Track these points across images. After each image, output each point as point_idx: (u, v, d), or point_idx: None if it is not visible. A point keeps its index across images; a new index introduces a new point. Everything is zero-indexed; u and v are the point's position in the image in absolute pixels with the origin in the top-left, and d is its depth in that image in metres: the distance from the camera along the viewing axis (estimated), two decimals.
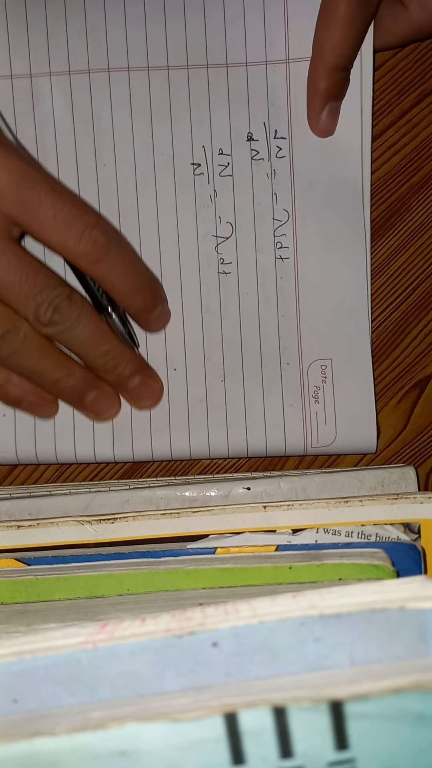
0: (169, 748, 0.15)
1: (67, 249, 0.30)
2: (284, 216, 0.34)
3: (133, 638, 0.17)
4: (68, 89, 0.33)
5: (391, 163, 0.35)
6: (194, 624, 0.17)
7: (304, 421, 0.34)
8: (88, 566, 0.26)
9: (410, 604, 0.16)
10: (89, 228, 0.30)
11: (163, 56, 0.33)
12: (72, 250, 0.30)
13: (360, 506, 0.28)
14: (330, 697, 0.15)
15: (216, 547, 0.27)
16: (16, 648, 0.17)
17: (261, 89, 0.33)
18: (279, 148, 0.34)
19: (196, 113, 0.33)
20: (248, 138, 0.34)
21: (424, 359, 0.36)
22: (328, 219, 0.34)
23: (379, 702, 0.15)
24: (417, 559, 0.27)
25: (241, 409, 0.34)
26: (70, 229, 0.29)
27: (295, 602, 0.17)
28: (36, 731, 0.15)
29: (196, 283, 0.34)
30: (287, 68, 0.33)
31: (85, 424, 0.34)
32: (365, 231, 0.34)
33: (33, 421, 0.34)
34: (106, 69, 0.33)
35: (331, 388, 0.34)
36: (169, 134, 0.34)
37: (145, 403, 0.34)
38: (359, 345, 0.34)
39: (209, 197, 0.34)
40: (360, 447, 0.35)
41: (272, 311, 0.34)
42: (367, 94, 0.33)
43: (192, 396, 0.34)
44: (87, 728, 0.15)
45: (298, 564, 0.25)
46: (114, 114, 0.33)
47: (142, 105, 0.33)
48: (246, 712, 0.15)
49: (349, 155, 0.33)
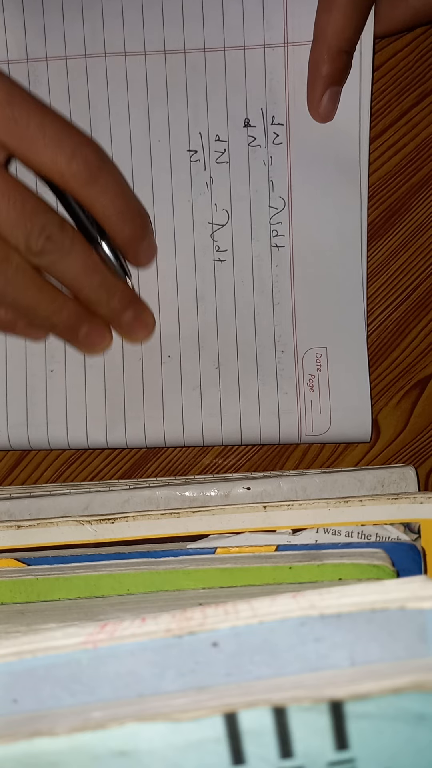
0: (169, 748, 0.15)
1: (58, 168, 0.28)
2: (280, 204, 0.34)
3: (133, 638, 0.17)
4: (65, 74, 0.33)
5: (391, 163, 0.35)
6: (194, 624, 0.17)
7: (299, 409, 0.34)
8: (88, 566, 0.26)
9: (410, 604, 0.16)
10: (81, 146, 0.28)
11: (160, 40, 0.33)
12: (64, 169, 0.28)
13: (360, 506, 0.28)
14: (330, 697, 0.15)
15: (216, 547, 0.27)
16: (16, 648, 0.17)
17: (259, 74, 0.33)
18: (276, 134, 0.33)
19: (192, 99, 0.33)
20: (245, 124, 0.33)
21: (424, 359, 0.36)
22: (324, 207, 0.34)
23: (379, 702, 0.15)
24: (417, 559, 0.27)
25: (235, 397, 0.34)
26: (61, 147, 0.28)
27: (295, 602, 0.17)
28: (36, 731, 0.15)
29: (192, 271, 0.34)
30: (285, 52, 0.33)
31: (78, 409, 0.34)
32: (361, 220, 0.34)
33: (25, 406, 0.34)
34: (103, 54, 0.33)
35: (326, 376, 0.34)
36: (166, 120, 0.33)
37: (138, 337, 0.34)
38: (355, 334, 0.34)
39: (205, 184, 0.34)
40: (354, 436, 0.35)
41: (267, 299, 0.34)
42: (366, 80, 0.32)
43: (186, 383, 0.34)
44: (87, 728, 0.15)
45: (298, 564, 0.25)
46: (110, 99, 0.33)
47: (139, 90, 0.33)
48: (246, 712, 0.15)
49: (347, 143, 0.33)
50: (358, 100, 0.33)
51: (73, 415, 0.34)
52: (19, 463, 0.36)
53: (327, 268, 0.34)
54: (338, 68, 0.32)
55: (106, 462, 0.36)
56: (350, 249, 0.34)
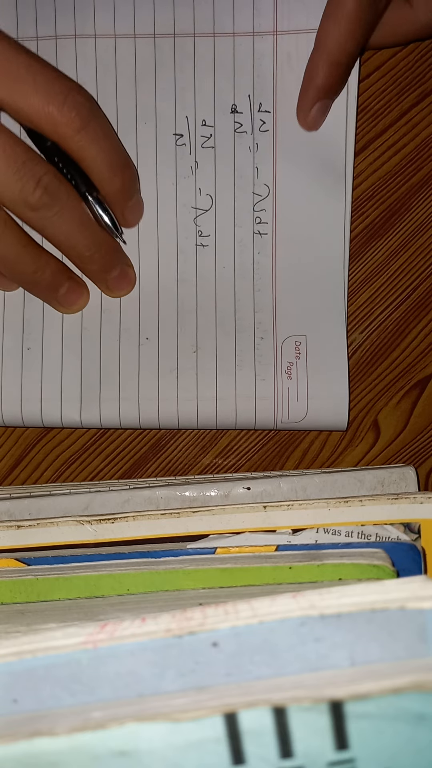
0: (169, 748, 0.15)
1: (49, 116, 0.27)
2: (265, 191, 0.34)
3: (133, 638, 0.17)
4: (53, 54, 0.33)
5: (391, 163, 0.35)
6: (194, 624, 0.17)
7: (276, 396, 0.34)
8: (88, 566, 0.26)
9: (410, 604, 0.16)
10: (72, 92, 0.28)
11: (150, 24, 0.33)
12: (56, 116, 0.27)
13: (360, 506, 0.28)
14: (330, 697, 0.15)
15: (216, 547, 0.27)
16: (16, 648, 0.17)
17: (247, 61, 0.33)
18: (263, 121, 0.33)
19: (180, 83, 0.33)
20: (232, 110, 0.33)
21: (424, 359, 0.36)
22: (308, 195, 0.34)
23: (379, 702, 0.15)
24: (417, 559, 0.27)
25: (212, 381, 0.34)
26: (53, 94, 0.27)
27: (295, 602, 0.17)
28: (36, 731, 0.15)
29: (173, 254, 0.34)
30: (275, 40, 0.33)
31: (54, 387, 0.34)
32: (345, 209, 0.34)
33: (0, 383, 0.34)
34: (93, 35, 0.33)
35: (305, 364, 0.34)
36: (153, 103, 0.33)
37: (121, 293, 0.34)
38: (335, 323, 0.34)
39: (190, 168, 0.34)
40: (331, 424, 0.35)
41: (248, 285, 0.34)
42: (353, 72, 0.32)
43: (163, 365, 0.34)
44: (87, 728, 0.15)
45: (298, 564, 0.25)
46: (98, 80, 0.33)
47: (127, 73, 0.33)
48: (246, 712, 0.15)
49: (334, 132, 0.33)
50: (345, 91, 0.33)
51: (48, 393, 0.34)
52: (19, 463, 0.36)
53: (309, 256, 0.34)
54: (333, 80, 0.31)
55: (106, 462, 0.36)
56: (333, 237, 0.34)
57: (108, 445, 0.36)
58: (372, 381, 0.36)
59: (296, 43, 0.33)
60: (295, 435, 0.36)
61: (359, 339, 0.36)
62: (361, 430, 0.36)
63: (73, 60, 0.33)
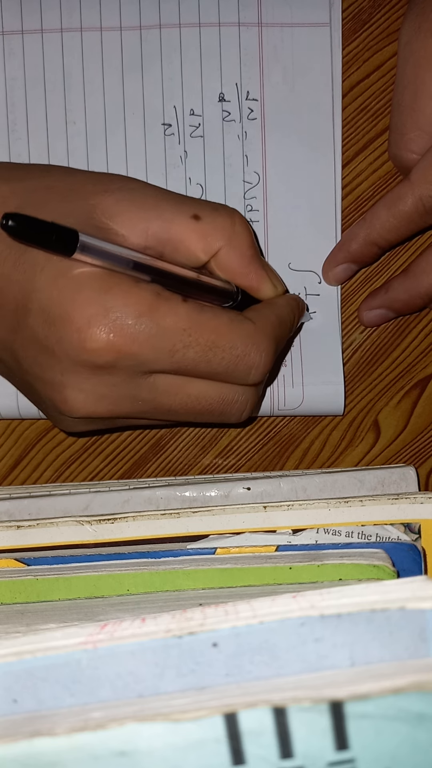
0: (169, 749, 0.15)
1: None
2: (255, 178, 0.34)
3: (133, 638, 0.17)
4: (40, 48, 0.33)
5: (391, 163, 0.35)
6: (194, 624, 0.17)
7: (271, 384, 0.35)
8: (88, 566, 0.26)
9: (410, 604, 0.16)
10: None
11: (135, 16, 0.33)
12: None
13: (360, 506, 0.28)
14: (330, 698, 0.15)
15: (216, 548, 0.27)
16: (16, 648, 0.17)
17: (233, 50, 0.33)
18: (251, 109, 0.34)
19: (167, 73, 0.33)
20: (220, 99, 0.34)
21: (424, 359, 0.36)
22: (298, 182, 0.34)
23: (379, 702, 0.15)
24: (417, 559, 0.27)
25: None
26: None
27: (295, 602, 0.17)
28: (36, 731, 0.15)
29: None
30: (260, 31, 0.33)
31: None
32: (335, 196, 0.34)
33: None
34: (79, 28, 0.33)
35: (299, 351, 0.35)
36: (141, 94, 0.34)
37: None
38: (328, 310, 0.34)
39: (179, 158, 0.34)
40: (327, 410, 0.35)
41: None
42: (337, 54, 0.33)
43: None
44: (87, 728, 0.15)
45: (298, 564, 0.25)
46: (85, 72, 0.33)
47: (114, 64, 0.33)
48: (246, 712, 0.15)
49: (321, 119, 0.34)
50: (330, 74, 0.33)
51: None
52: (19, 463, 0.36)
53: (301, 243, 0.34)
54: (365, 256, 0.33)
55: (106, 462, 0.36)
56: (324, 225, 0.34)
57: (108, 445, 0.36)
58: (372, 381, 0.36)
59: (281, 36, 0.33)
60: (295, 435, 0.36)
61: (359, 339, 0.36)
62: (362, 430, 0.36)
63: (59, 53, 0.33)
